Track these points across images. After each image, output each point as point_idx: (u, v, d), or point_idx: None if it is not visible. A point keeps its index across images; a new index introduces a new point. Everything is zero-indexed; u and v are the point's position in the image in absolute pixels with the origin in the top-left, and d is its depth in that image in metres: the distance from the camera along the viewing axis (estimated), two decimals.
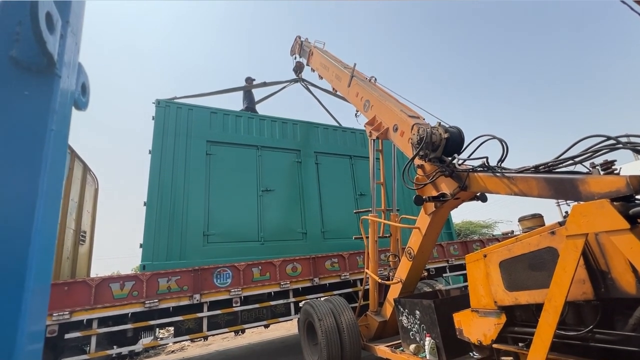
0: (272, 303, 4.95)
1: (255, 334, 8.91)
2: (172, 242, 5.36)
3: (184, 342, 8.18)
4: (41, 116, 0.57)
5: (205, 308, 4.57)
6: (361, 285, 5.40)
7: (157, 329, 5.55)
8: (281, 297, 5.08)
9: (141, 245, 5.19)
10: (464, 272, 6.36)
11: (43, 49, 0.55)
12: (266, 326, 5.23)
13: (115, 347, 4.41)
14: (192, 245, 5.49)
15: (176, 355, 7.69)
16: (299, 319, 4.77)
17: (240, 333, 5.34)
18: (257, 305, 4.88)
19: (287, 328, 8.90)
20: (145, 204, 5.46)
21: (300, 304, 5.48)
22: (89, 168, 6.51)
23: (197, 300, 4.47)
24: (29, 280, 0.50)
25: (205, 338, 4.94)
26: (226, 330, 4.81)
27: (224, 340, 8.65)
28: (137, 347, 4.54)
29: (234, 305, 4.68)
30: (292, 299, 5.07)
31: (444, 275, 6.18)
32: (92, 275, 6.49)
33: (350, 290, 5.43)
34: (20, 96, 0.57)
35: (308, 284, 5.16)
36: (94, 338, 4.05)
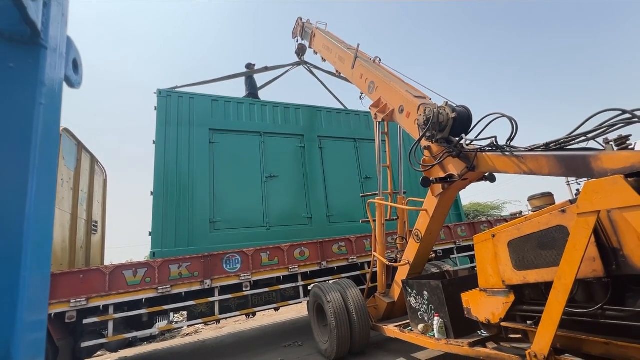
0: (282, 287, 5.04)
1: (267, 317, 9.15)
2: (180, 229, 5.46)
3: (198, 326, 8.46)
4: (28, 89, 0.54)
5: (217, 293, 4.69)
6: (369, 267, 5.46)
7: (172, 314, 5.74)
8: (290, 280, 5.17)
9: (150, 233, 5.30)
10: (471, 253, 6.37)
11: (24, 15, 0.51)
12: (276, 309, 5.35)
13: (133, 331, 4.59)
14: (200, 231, 5.59)
15: (191, 337, 7.97)
16: (308, 301, 4.87)
17: (251, 316, 5.49)
18: (266, 289, 4.99)
19: (297, 310, 9.12)
20: (152, 193, 5.53)
21: (309, 287, 5.58)
22: (96, 159, 6.58)
23: (208, 286, 4.58)
24: (25, 268, 0.49)
25: (218, 321, 5.10)
26: (237, 313, 4.95)
27: (237, 323, 8.92)
28: (153, 331, 4.71)
29: (244, 289, 4.79)
30: (300, 283, 5.16)
31: (452, 256, 6.20)
32: (107, 263, 6.69)
33: (358, 272, 5.49)
34: (5, 69, 0.54)
35: (316, 268, 5.23)
36: (111, 323, 4.21)
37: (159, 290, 4.35)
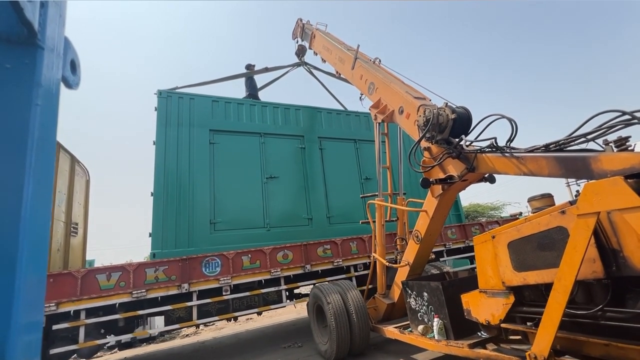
0: (263, 291, 4.95)
1: (267, 317, 9.14)
2: (180, 230, 5.43)
3: (198, 326, 8.43)
4: (24, 90, 0.54)
5: (195, 297, 4.59)
6: (355, 271, 5.42)
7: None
8: (272, 284, 5.06)
9: (150, 234, 5.28)
10: (461, 255, 6.36)
11: (21, 16, 0.51)
12: (259, 313, 5.23)
13: (112, 335, 4.46)
14: (200, 233, 5.56)
15: (191, 338, 7.96)
16: (308, 302, 4.85)
17: (232, 320, 5.35)
18: (247, 294, 4.87)
19: (297, 311, 9.11)
20: (152, 194, 5.52)
21: (296, 291, 5.50)
22: (77, 160, 6.44)
23: (186, 290, 4.47)
24: (20, 269, 0.48)
25: (197, 326, 4.95)
26: (217, 318, 4.82)
27: (236, 324, 8.90)
28: (125, 337, 4.55)
29: (224, 293, 4.69)
30: (283, 286, 5.05)
31: (441, 259, 6.09)
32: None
33: (343, 276, 5.37)
34: (1, 69, 0.54)
35: (300, 271, 5.12)
36: (82, 328, 4.09)
37: (134, 295, 4.23)
